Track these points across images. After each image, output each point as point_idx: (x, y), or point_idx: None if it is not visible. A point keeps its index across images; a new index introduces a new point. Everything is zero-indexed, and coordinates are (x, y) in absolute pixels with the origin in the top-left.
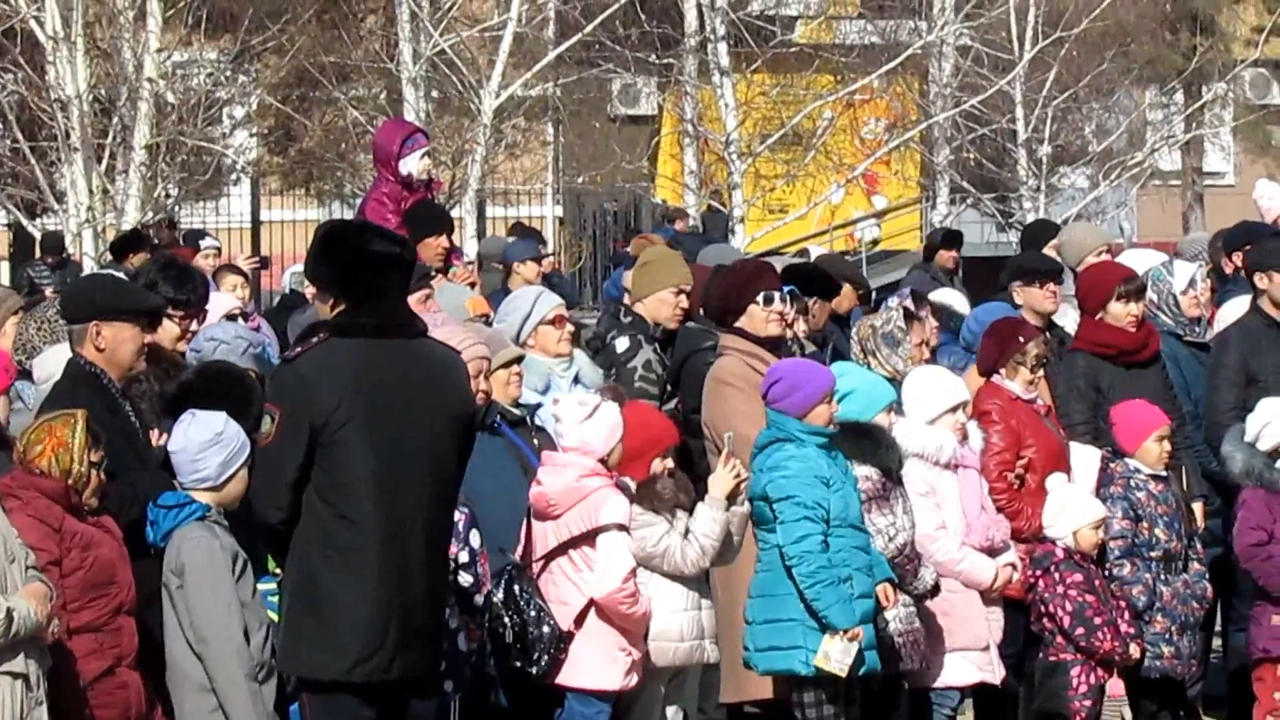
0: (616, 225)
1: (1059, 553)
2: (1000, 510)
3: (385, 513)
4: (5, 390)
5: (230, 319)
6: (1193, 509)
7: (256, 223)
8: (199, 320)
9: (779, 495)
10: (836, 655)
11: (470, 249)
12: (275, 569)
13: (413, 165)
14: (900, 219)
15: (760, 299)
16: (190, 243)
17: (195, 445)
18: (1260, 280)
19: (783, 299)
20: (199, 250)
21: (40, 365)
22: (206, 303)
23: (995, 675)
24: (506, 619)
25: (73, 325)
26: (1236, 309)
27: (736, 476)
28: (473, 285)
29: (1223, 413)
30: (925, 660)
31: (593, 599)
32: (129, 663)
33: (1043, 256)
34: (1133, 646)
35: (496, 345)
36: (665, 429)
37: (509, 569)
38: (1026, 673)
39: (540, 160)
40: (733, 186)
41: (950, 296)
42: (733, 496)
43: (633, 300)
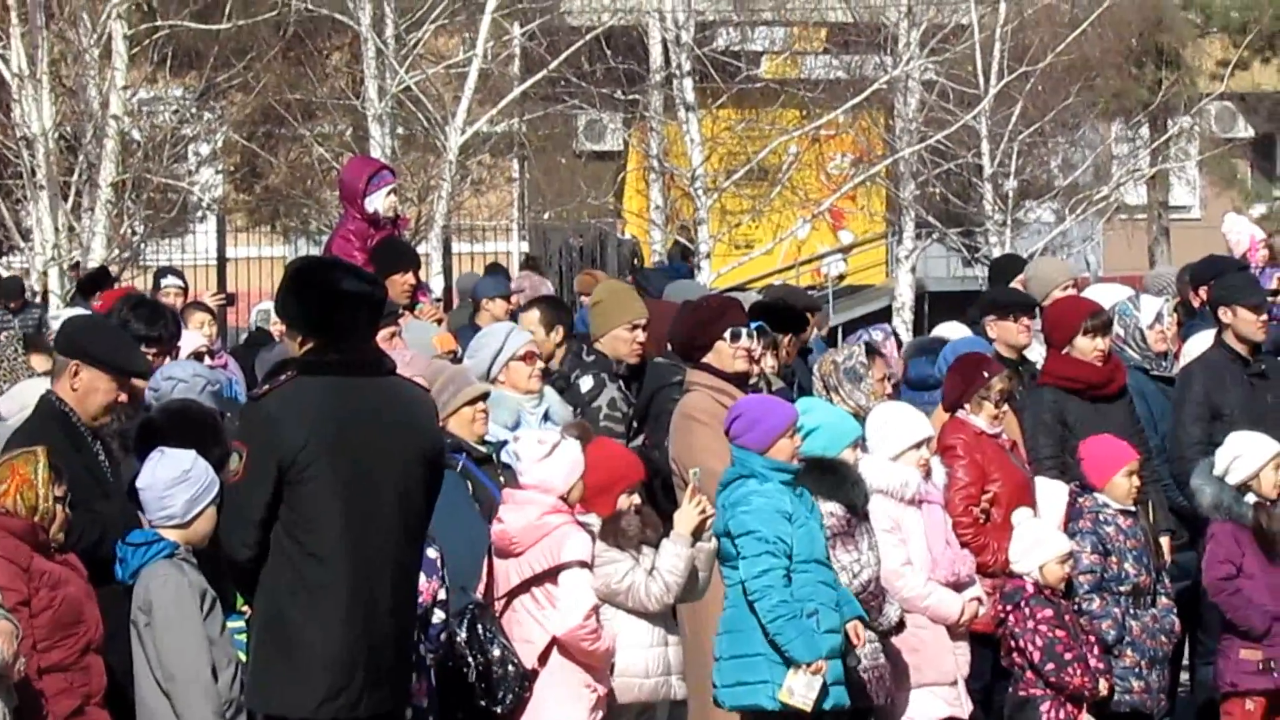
0: (582, 261)
1: (1029, 587)
2: (965, 545)
3: (353, 551)
4: None
5: (197, 357)
6: (1160, 543)
7: (222, 260)
8: (172, 357)
9: (740, 530)
10: (800, 690)
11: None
12: (243, 607)
13: (379, 202)
14: (866, 254)
15: (728, 335)
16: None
17: (162, 483)
18: (1224, 315)
19: (750, 335)
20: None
21: (6, 400)
22: (178, 339)
23: (963, 710)
24: (470, 658)
25: (59, 357)
26: (1202, 343)
27: (702, 512)
28: (439, 321)
29: (1188, 447)
30: (892, 696)
31: (555, 636)
32: (97, 701)
33: (1016, 291)
34: (1102, 681)
35: (461, 382)
36: (631, 465)
37: (471, 608)
38: (994, 707)
39: (506, 196)
40: (698, 222)
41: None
42: (698, 532)
43: (592, 339)
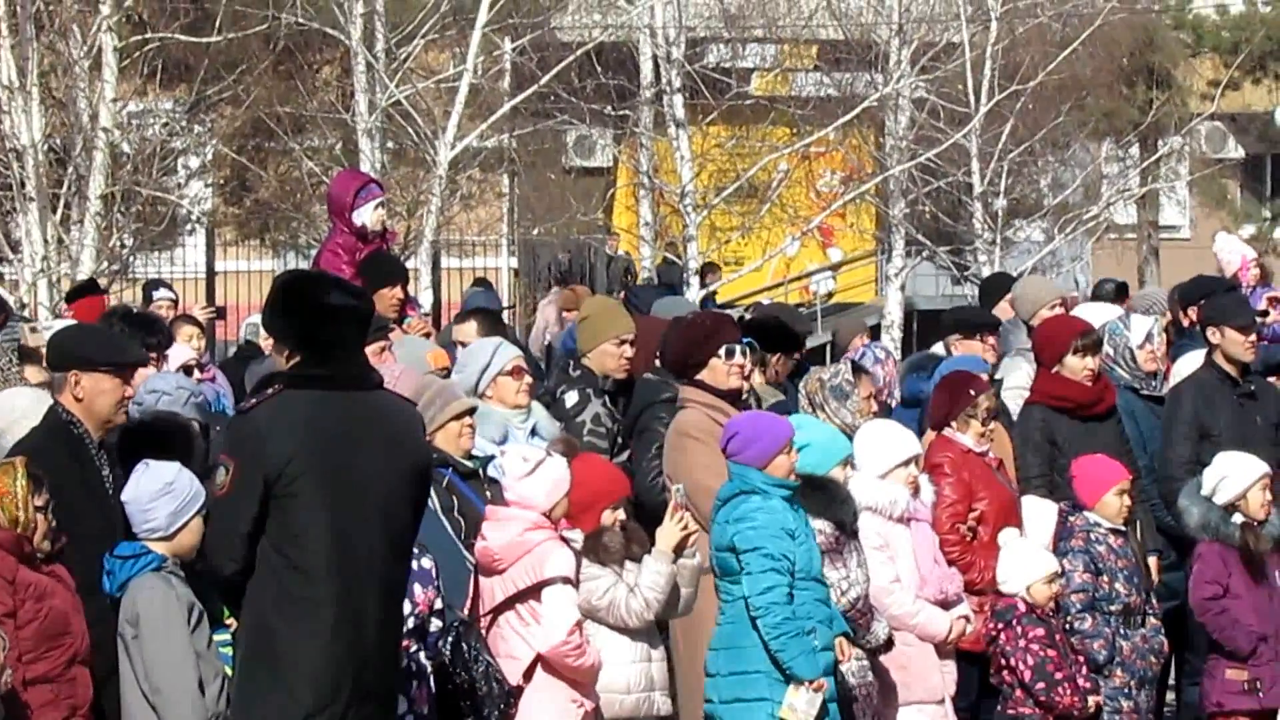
0: (572, 277)
1: (1021, 606)
2: (952, 563)
3: (339, 565)
4: None
5: (186, 370)
6: (1149, 563)
7: (211, 273)
8: (159, 368)
9: (746, 546)
10: (801, 707)
11: (425, 300)
12: (230, 620)
13: (367, 216)
14: (855, 271)
15: (722, 352)
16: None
17: (146, 495)
18: (1213, 335)
19: (743, 352)
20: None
21: None
22: (168, 348)
23: None
24: (455, 676)
25: (54, 373)
26: (1191, 363)
27: (684, 529)
28: (428, 335)
29: (1177, 466)
30: (879, 714)
31: (539, 653)
32: (83, 713)
33: (978, 310)
34: (1091, 699)
35: (448, 396)
36: (616, 480)
37: (456, 625)
38: None
39: (495, 211)
40: (688, 238)
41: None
42: (680, 549)
43: (580, 355)
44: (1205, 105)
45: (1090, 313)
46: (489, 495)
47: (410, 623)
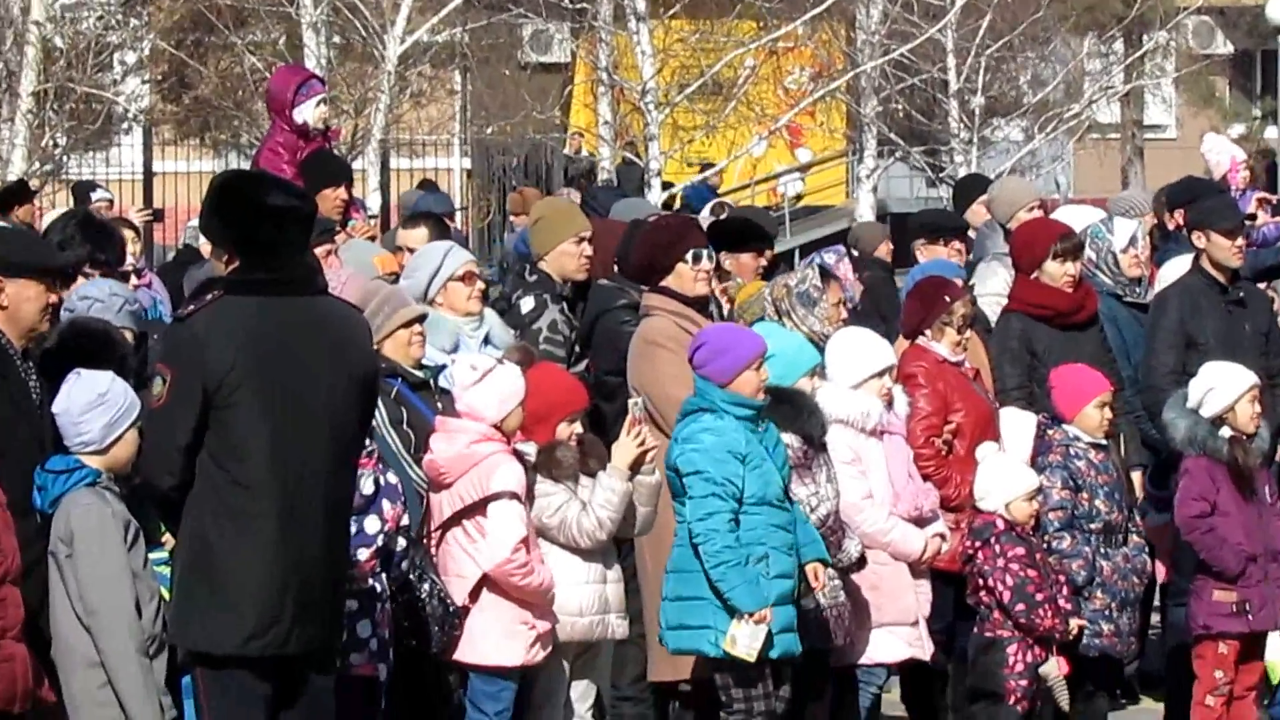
0: (527, 178)
1: (999, 523)
2: (927, 478)
3: (282, 478)
4: None
5: (121, 276)
6: (1131, 478)
7: (149, 174)
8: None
9: (688, 469)
10: (744, 640)
11: (373, 202)
12: (166, 538)
13: (308, 113)
14: (825, 173)
15: (689, 257)
16: (81, 194)
17: (78, 407)
18: (1199, 239)
19: (709, 256)
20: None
21: None
22: (123, 263)
23: (925, 651)
24: (398, 595)
25: None
26: (1178, 269)
27: (641, 444)
28: (373, 239)
29: (1161, 376)
30: (851, 636)
31: (485, 571)
32: (14, 635)
33: (944, 212)
34: (1073, 622)
35: (397, 303)
36: (573, 391)
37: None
38: (957, 649)
39: (447, 110)
40: (649, 138)
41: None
42: (637, 465)
43: (535, 258)
44: None
45: (1070, 215)
46: (440, 407)
47: (380, 541)
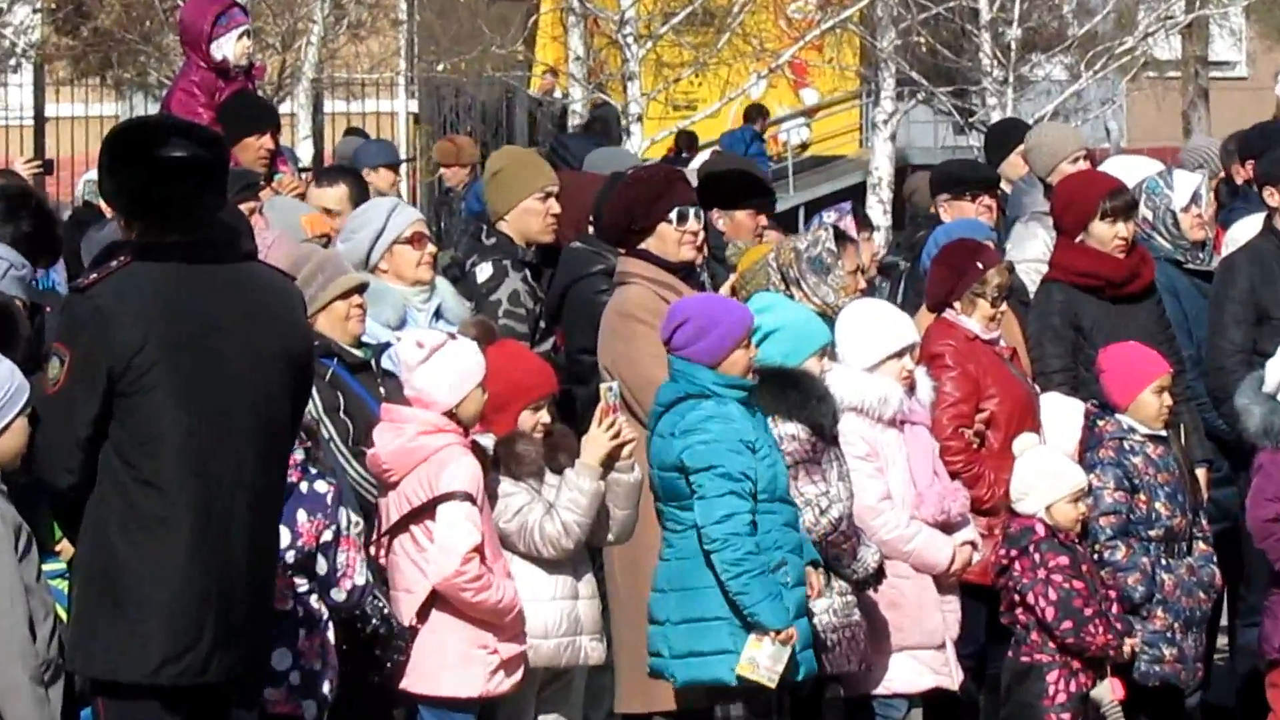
0: (485, 125)
1: (1039, 529)
2: (956, 476)
3: (200, 477)
4: None
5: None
6: (1196, 477)
7: (41, 119)
8: None
9: (699, 465)
10: (765, 662)
11: (305, 152)
12: (62, 546)
13: (228, 48)
14: (835, 118)
15: (674, 215)
16: None
17: None
18: (1271, 196)
19: (697, 216)
20: None
21: None
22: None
23: (952, 680)
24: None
25: None
26: (1248, 230)
27: (614, 436)
28: (302, 196)
29: (1229, 356)
30: (867, 661)
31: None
32: None
33: (971, 162)
34: (1126, 642)
35: (333, 270)
36: (538, 373)
37: None
38: (989, 676)
39: (391, 44)
40: (628, 76)
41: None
42: (610, 461)
43: (493, 218)
44: None
45: (1122, 168)
46: (383, 392)
47: (289, 556)
